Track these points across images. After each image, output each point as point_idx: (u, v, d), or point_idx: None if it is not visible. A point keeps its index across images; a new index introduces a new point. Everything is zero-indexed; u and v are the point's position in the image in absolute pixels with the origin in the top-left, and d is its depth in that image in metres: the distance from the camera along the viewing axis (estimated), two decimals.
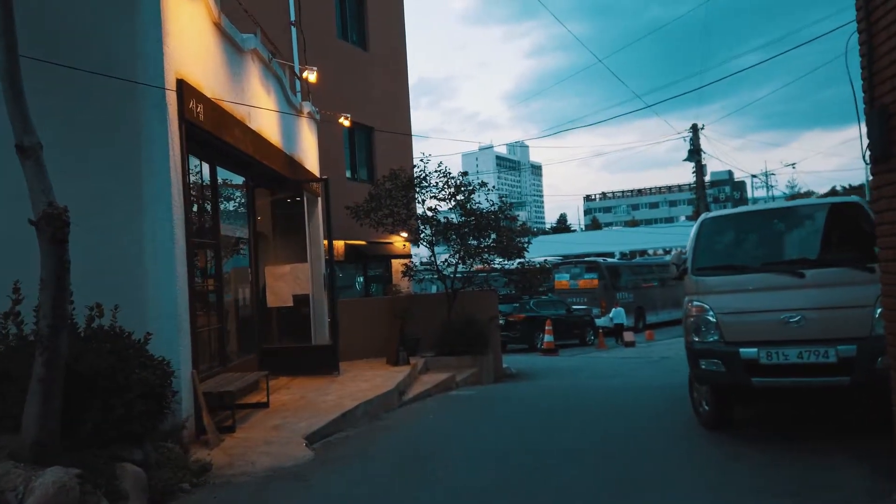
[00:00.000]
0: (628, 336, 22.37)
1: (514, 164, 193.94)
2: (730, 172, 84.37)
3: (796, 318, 5.83)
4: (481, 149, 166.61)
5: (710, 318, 6.29)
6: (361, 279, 18.31)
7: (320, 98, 14.13)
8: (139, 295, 6.20)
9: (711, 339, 6.25)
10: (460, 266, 13.76)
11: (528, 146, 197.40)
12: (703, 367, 6.30)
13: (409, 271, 14.23)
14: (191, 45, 7.11)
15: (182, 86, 6.64)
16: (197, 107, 6.98)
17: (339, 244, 15.87)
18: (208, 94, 7.38)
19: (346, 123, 13.15)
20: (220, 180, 8.71)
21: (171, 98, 6.48)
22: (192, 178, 7.62)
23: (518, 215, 14.87)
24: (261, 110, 9.48)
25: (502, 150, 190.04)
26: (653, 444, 6.41)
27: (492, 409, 9.22)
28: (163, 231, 6.29)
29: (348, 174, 16.91)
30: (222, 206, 9.10)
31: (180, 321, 6.34)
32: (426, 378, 11.26)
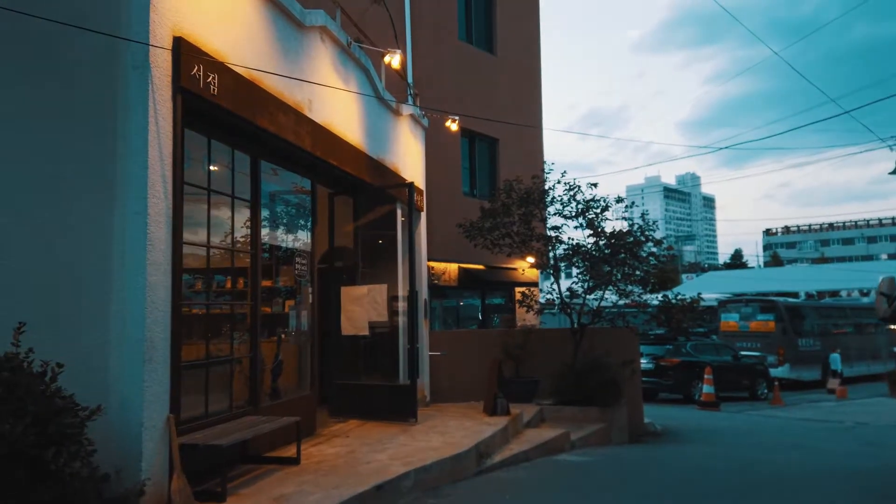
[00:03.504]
0: (832, 384, 19.82)
1: (685, 197, 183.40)
2: None
3: None
4: (647, 180, 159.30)
5: None
6: (479, 308, 16.32)
7: (435, 102, 12.52)
8: (101, 310, 4.74)
9: None
10: (589, 297, 11.38)
11: (699, 177, 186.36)
12: None
13: (525, 300, 12.00)
14: (208, 2, 5.69)
15: (180, 45, 5.18)
16: (207, 76, 5.49)
17: (452, 267, 14.03)
18: (236, 66, 5.91)
19: (454, 128, 11.37)
20: (272, 182, 7.27)
21: (161, 59, 5.02)
22: (213, 169, 6.19)
23: (661, 238, 12.11)
24: (332, 102, 7.95)
25: (671, 182, 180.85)
26: None
27: (600, 496, 6.73)
28: (133, 227, 4.79)
29: (465, 189, 15.05)
30: (272, 211, 7.64)
31: (150, 348, 4.75)
32: (531, 434, 8.96)
